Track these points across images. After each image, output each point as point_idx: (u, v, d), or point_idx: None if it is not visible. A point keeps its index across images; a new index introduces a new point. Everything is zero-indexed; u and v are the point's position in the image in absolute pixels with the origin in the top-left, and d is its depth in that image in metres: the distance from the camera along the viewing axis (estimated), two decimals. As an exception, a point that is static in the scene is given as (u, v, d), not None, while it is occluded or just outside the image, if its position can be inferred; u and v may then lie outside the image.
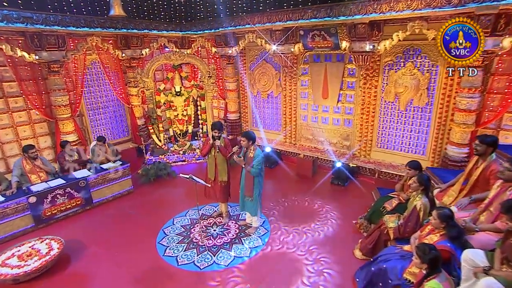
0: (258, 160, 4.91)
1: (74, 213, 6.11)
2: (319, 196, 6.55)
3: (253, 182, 5.03)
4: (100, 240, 5.30)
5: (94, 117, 8.64)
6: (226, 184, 5.46)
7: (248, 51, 9.15)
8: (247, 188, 5.10)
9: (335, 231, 5.39)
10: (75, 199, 6.07)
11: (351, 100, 7.60)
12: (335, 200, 6.37)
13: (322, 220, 5.72)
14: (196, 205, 6.17)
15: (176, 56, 8.12)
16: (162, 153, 8.36)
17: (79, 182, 6.10)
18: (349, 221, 5.61)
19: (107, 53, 8.38)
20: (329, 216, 5.84)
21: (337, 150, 8.12)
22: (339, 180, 7.02)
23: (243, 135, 4.99)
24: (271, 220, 5.75)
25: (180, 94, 8.50)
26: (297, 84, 8.39)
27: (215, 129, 5.20)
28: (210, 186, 5.38)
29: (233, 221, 5.75)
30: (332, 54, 7.53)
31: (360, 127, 7.51)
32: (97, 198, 6.41)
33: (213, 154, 5.30)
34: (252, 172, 4.91)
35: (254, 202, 5.17)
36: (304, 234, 5.33)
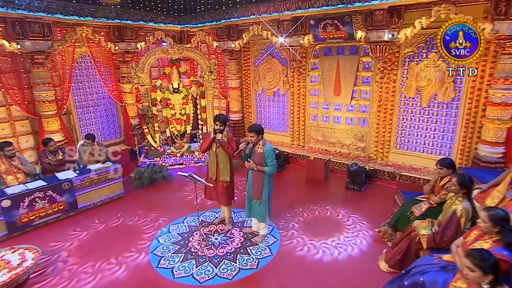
0: (271, 156, 4.48)
1: (55, 219, 5.61)
2: (333, 202, 6.11)
3: (263, 181, 4.59)
4: (85, 251, 4.79)
5: (83, 116, 8.21)
6: (229, 185, 5.02)
7: (252, 46, 8.83)
8: (256, 189, 4.64)
9: (355, 240, 4.90)
10: (57, 204, 5.57)
11: (367, 96, 7.22)
12: (351, 206, 5.93)
13: (339, 227, 5.26)
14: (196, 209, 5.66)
15: (174, 49, 7.75)
16: (157, 155, 7.91)
17: (63, 184, 5.61)
18: (370, 229, 5.13)
19: (98, 46, 8.01)
20: (346, 223, 5.38)
21: (351, 152, 7.69)
22: (355, 184, 6.56)
23: (250, 129, 4.55)
24: (281, 227, 5.26)
25: (178, 91, 8.10)
26: (306, 80, 8.02)
27: (218, 121, 4.79)
28: (212, 186, 4.90)
29: (237, 229, 5.27)
30: (346, 46, 7.18)
31: (376, 127, 7.11)
32: (83, 203, 5.94)
33: (214, 150, 4.88)
34: (268, 171, 4.48)
35: (263, 205, 4.71)
36: (318, 243, 4.84)
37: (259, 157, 4.50)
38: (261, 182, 4.59)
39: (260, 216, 4.77)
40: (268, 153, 4.46)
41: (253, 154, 4.58)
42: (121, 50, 8.16)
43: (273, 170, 4.51)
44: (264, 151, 4.48)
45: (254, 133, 4.49)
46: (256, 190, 4.65)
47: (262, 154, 4.48)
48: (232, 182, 5.07)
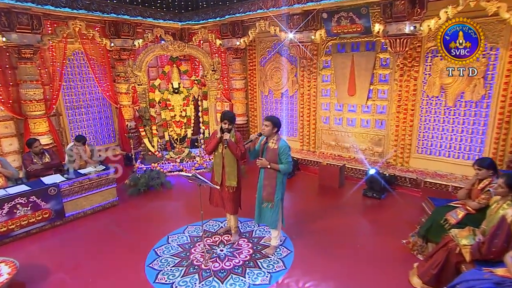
0: (287, 152, 4.15)
1: (39, 229, 5.17)
2: (351, 211, 5.72)
3: (276, 181, 4.23)
4: (71, 264, 4.35)
5: (74, 118, 7.88)
6: (236, 191, 4.65)
7: (258, 43, 8.59)
8: (268, 191, 4.27)
9: (379, 253, 4.47)
10: (41, 211, 5.14)
11: (384, 96, 6.92)
12: (372, 216, 5.55)
13: (360, 238, 4.86)
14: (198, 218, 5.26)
15: (175, 46, 7.45)
16: (155, 160, 7.51)
17: (49, 189, 5.20)
18: (396, 241, 4.71)
19: (92, 42, 7.73)
20: (368, 235, 4.98)
21: (367, 158, 7.32)
22: (373, 191, 6.15)
23: (267, 118, 4.24)
24: (294, 238, 4.85)
25: (178, 91, 7.78)
26: (317, 79, 7.73)
27: (225, 119, 4.45)
28: (219, 188, 4.51)
29: (245, 239, 4.86)
30: (361, 42, 6.92)
31: (395, 129, 6.78)
32: (71, 211, 5.52)
33: (221, 151, 4.54)
34: (283, 169, 4.14)
35: (275, 209, 4.33)
36: (339, 256, 4.41)
37: (273, 154, 4.16)
38: (273, 182, 4.24)
39: (272, 222, 4.38)
40: (283, 149, 4.14)
41: (266, 151, 4.25)
42: (117, 47, 7.87)
43: (288, 168, 4.19)
44: (279, 147, 4.15)
45: (271, 122, 4.17)
46: (268, 191, 4.28)
47: (277, 150, 4.15)
48: (239, 187, 4.71)
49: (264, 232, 5.04)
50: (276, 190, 4.23)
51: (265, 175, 4.27)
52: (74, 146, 6.00)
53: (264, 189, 4.30)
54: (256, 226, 5.21)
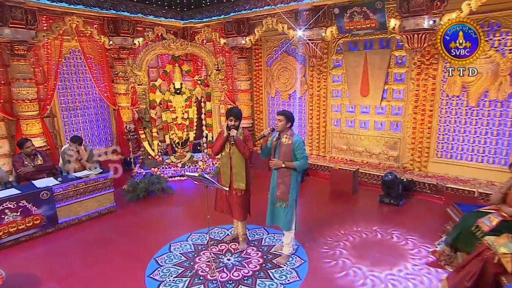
0: (301, 147, 3.97)
1: (29, 236, 4.90)
2: (367, 219, 5.46)
3: (290, 179, 4.02)
4: (64, 274, 4.07)
5: (69, 120, 7.67)
6: (244, 194, 4.41)
7: (264, 42, 8.46)
8: (282, 190, 4.05)
9: (402, 263, 4.17)
10: (32, 217, 4.88)
11: (400, 96, 6.72)
12: (390, 223, 5.27)
13: (379, 248, 4.58)
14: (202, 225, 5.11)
15: (177, 44, 7.29)
16: (154, 165, 7.27)
17: (41, 193, 4.94)
18: (421, 250, 4.45)
19: (90, 40, 7.56)
20: (388, 243, 4.70)
21: (381, 162, 7.10)
22: (391, 198, 5.89)
23: (280, 113, 4.06)
24: (307, 246, 4.59)
25: (180, 92, 7.58)
26: (327, 80, 7.56)
27: (231, 115, 4.25)
28: (227, 190, 4.26)
29: (253, 248, 4.59)
30: (374, 39, 6.76)
31: (412, 132, 6.57)
32: (64, 217, 5.26)
33: (228, 150, 4.33)
34: (299, 165, 3.95)
35: (289, 209, 4.09)
36: (356, 266, 4.14)
37: (287, 150, 3.97)
38: (288, 180, 4.04)
39: (285, 223, 4.14)
40: (297, 143, 3.97)
41: (279, 148, 4.05)
42: (116, 45, 7.71)
43: (304, 164, 4.01)
44: (293, 142, 3.97)
45: (284, 117, 4.00)
46: (282, 190, 4.07)
47: (291, 146, 3.96)
48: (248, 190, 4.47)
49: (274, 240, 4.78)
50: (291, 188, 4.04)
51: (279, 173, 4.07)
52: (70, 147, 5.75)
53: (277, 188, 4.09)
54: (265, 234, 4.97)
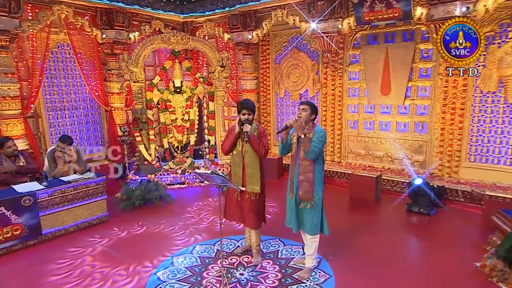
0: (319, 137, 3.71)
1: (7, 250, 4.54)
2: (395, 229, 5.20)
3: (313, 176, 3.76)
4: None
5: (55, 121, 7.39)
6: (259, 199, 4.13)
7: (273, 38, 8.33)
8: (305, 188, 3.78)
9: (446, 279, 3.87)
10: (11, 227, 4.52)
11: (426, 94, 6.54)
12: (422, 235, 5.02)
13: (413, 261, 4.31)
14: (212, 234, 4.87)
15: (177, 38, 7.08)
16: (151, 171, 6.97)
17: (22, 199, 4.61)
18: (459, 264, 4.16)
19: (80, 33, 7.34)
20: (426, 257, 4.41)
21: (404, 168, 6.84)
22: (421, 206, 5.60)
23: (304, 102, 3.84)
24: (331, 259, 4.26)
25: (180, 91, 7.36)
26: (343, 77, 7.39)
27: (244, 108, 4.01)
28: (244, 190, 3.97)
29: (269, 261, 4.28)
30: (397, 31, 6.61)
31: (441, 133, 6.36)
32: (49, 228, 4.92)
33: (240, 148, 4.08)
34: (310, 151, 3.66)
35: (316, 210, 3.82)
36: (388, 280, 3.86)
37: (308, 144, 3.70)
38: (311, 176, 3.79)
39: (313, 226, 3.85)
40: (317, 133, 3.73)
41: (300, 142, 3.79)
42: (109, 39, 7.49)
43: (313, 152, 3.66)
44: (315, 131, 3.74)
45: (309, 106, 3.76)
46: (305, 189, 3.81)
47: (311, 136, 3.73)
48: (263, 194, 4.20)
49: (292, 252, 4.48)
50: (315, 185, 3.79)
51: (300, 169, 3.80)
52: (58, 149, 5.43)
53: (300, 186, 3.82)
54: (281, 245, 4.66)
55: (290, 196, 3.92)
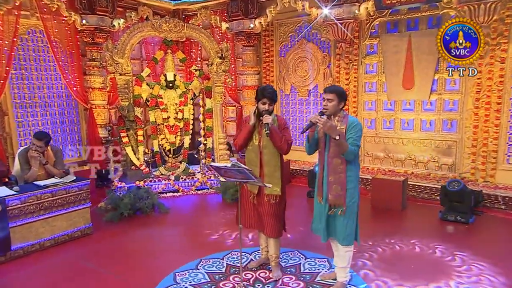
0: (357, 130, 3.45)
1: (-31, 268, 4.12)
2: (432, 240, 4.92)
3: (346, 176, 3.47)
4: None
5: (25, 120, 7.00)
6: (279, 202, 3.88)
7: (277, 27, 8.19)
8: (335, 191, 3.49)
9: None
10: (-25, 240, 4.10)
11: (455, 88, 6.44)
12: (466, 246, 4.73)
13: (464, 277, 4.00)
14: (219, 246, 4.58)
15: (170, 26, 6.87)
16: (140, 177, 6.60)
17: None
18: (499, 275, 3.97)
19: (56, 17, 6.98)
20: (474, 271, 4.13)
21: (431, 172, 6.70)
22: (457, 213, 5.36)
23: (329, 90, 3.54)
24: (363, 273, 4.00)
25: (173, 86, 7.10)
26: (358, 71, 7.30)
27: (264, 97, 3.76)
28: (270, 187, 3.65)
29: (291, 276, 3.99)
30: (420, 17, 6.55)
31: (473, 132, 6.23)
32: (21, 242, 4.53)
33: (257, 143, 3.85)
34: (349, 153, 3.37)
35: (349, 217, 3.54)
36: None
37: (345, 144, 3.39)
38: (343, 177, 3.49)
39: (346, 235, 3.56)
40: (353, 125, 3.46)
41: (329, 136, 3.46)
42: (90, 26, 7.16)
43: (352, 153, 3.40)
44: (349, 123, 3.46)
45: (335, 95, 3.46)
46: (335, 192, 3.51)
47: (345, 129, 3.44)
48: (283, 197, 3.95)
49: (316, 266, 4.20)
50: (348, 188, 3.49)
51: (330, 168, 3.50)
52: (33, 148, 4.99)
53: (329, 188, 3.52)
54: (303, 258, 4.38)
55: (318, 199, 3.64)
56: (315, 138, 3.59)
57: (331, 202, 3.51)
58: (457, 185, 5.45)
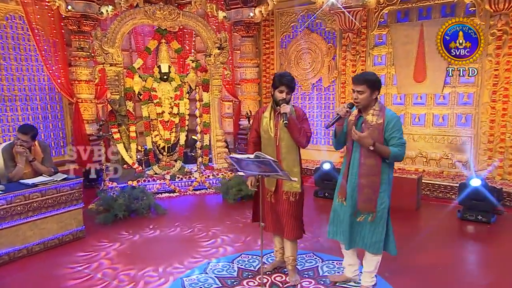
0: (399, 127, 3.29)
1: None
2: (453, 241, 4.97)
3: (380, 179, 3.34)
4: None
5: (3, 115, 6.83)
6: (299, 199, 3.76)
7: (278, 17, 8.16)
8: (367, 195, 3.37)
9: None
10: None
11: (470, 80, 6.49)
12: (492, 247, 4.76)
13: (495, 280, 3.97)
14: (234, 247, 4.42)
15: (165, 13, 6.76)
16: (132, 177, 6.44)
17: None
18: None
19: (38, 3, 6.80)
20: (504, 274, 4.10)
21: (444, 170, 6.75)
22: (478, 213, 5.35)
23: (359, 79, 3.37)
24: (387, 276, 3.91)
25: (168, 78, 6.94)
26: (366, 63, 7.36)
27: (283, 84, 3.65)
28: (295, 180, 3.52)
29: (310, 280, 3.89)
30: (433, 6, 6.63)
31: (490, 127, 6.28)
32: (6, 247, 4.30)
33: (273, 135, 3.73)
34: (396, 153, 3.26)
35: (378, 224, 3.41)
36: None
37: (375, 133, 3.28)
38: (377, 180, 3.35)
39: (373, 242, 3.43)
40: (394, 121, 3.29)
41: (361, 130, 3.35)
42: (76, 13, 6.95)
43: (402, 154, 3.31)
44: (387, 118, 3.29)
45: (366, 85, 3.29)
46: (366, 195, 3.37)
47: (382, 125, 3.27)
48: (302, 194, 3.83)
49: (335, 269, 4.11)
50: (381, 192, 3.35)
51: (362, 169, 3.35)
52: (17, 142, 4.75)
53: (359, 191, 3.38)
54: (319, 261, 4.28)
55: (340, 200, 3.50)
56: (344, 132, 3.45)
57: (361, 207, 3.38)
58: (477, 182, 5.41)
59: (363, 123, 3.31)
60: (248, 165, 3.14)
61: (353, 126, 3.36)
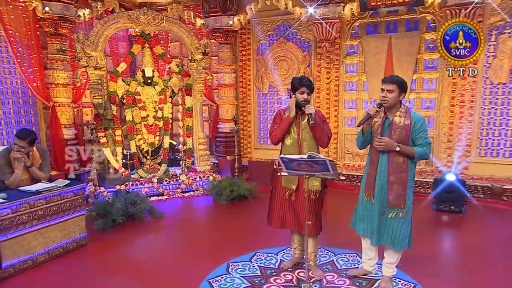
0: (424, 128, 3.37)
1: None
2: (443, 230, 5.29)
3: (407, 175, 3.39)
4: None
5: None
6: (319, 197, 3.75)
7: (254, 26, 7.98)
8: (397, 191, 3.39)
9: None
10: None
11: (432, 87, 6.76)
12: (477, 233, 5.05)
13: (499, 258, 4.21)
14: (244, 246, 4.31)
15: (149, 18, 6.46)
16: (120, 181, 6.00)
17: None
18: None
19: (11, 3, 6.15)
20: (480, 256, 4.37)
21: None
22: (450, 203, 5.68)
23: (389, 80, 3.39)
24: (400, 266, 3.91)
25: (152, 82, 6.59)
26: (339, 70, 7.34)
27: (304, 86, 3.63)
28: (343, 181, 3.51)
29: (333, 274, 3.87)
30: (399, 20, 6.79)
31: (449, 128, 6.55)
32: (12, 258, 3.81)
33: (296, 136, 3.71)
34: (421, 153, 3.35)
35: (406, 219, 3.43)
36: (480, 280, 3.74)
37: (402, 133, 3.33)
38: (404, 177, 3.39)
39: (402, 238, 3.44)
40: (420, 123, 3.36)
41: (388, 130, 3.38)
42: (53, 14, 6.33)
43: (428, 153, 3.40)
44: (414, 120, 3.34)
45: (396, 86, 3.33)
46: (397, 192, 3.38)
47: (409, 126, 3.32)
48: (322, 192, 3.82)
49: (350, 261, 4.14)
50: (408, 188, 3.40)
51: (391, 167, 3.37)
52: (15, 148, 4.23)
53: (390, 189, 3.39)
54: (333, 255, 4.28)
55: (368, 198, 3.51)
56: (369, 132, 3.46)
57: (392, 203, 3.39)
58: (452, 177, 5.74)
59: (390, 124, 3.35)
60: (300, 165, 3.04)
61: (379, 127, 3.41)
